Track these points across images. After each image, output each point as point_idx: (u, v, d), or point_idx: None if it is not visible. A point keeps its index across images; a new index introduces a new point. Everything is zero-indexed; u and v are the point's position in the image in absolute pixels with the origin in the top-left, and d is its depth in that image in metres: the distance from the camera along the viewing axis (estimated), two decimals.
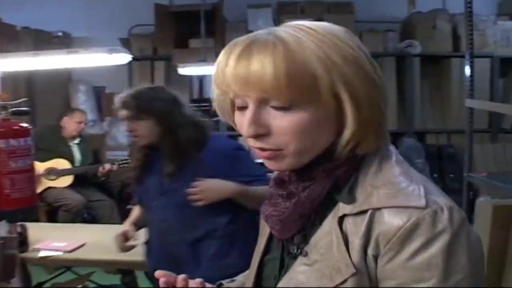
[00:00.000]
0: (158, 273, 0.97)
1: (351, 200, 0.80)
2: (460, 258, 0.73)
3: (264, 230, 0.98)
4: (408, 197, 0.76)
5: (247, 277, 1.02)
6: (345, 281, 0.77)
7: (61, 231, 3.18)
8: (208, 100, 5.32)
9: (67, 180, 4.25)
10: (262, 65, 0.74)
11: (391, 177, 0.80)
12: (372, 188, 0.79)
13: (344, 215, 0.80)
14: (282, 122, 0.78)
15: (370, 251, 0.77)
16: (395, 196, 0.77)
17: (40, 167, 4.04)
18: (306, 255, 0.84)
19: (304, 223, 0.85)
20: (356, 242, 0.78)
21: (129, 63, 5.35)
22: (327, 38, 0.77)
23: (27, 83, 5.00)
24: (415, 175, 0.82)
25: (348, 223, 0.80)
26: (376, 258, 0.77)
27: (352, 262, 0.77)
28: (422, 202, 0.75)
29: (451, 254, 0.73)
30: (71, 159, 4.43)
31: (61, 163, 4.28)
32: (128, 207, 4.95)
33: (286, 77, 0.74)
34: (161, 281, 0.96)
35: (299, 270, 0.84)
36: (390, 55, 5.27)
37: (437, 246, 0.72)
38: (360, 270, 0.77)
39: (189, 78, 5.42)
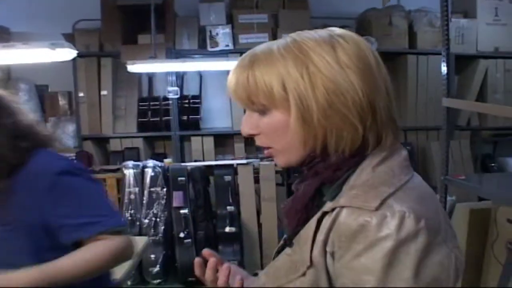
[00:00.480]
0: (206, 252, 1.03)
1: (333, 199, 0.85)
2: (403, 271, 0.72)
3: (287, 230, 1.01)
4: (367, 199, 0.78)
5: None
6: (303, 274, 0.83)
7: None
8: (157, 99, 5.09)
9: None
10: (232, 76, 0.89)
11: (369, 178, 0.83)
12: (349, 188, 0.83)
13: (324, 213, 0.84)
14: (262, 124, 0.89)
15: (328, 248, 0.81)
16: (358, 197, 0.80)
17: None
18: (291, 246, 0.91)
19: (299, 218, 0.90)
20: (319, 239, 0.82)
21: (74, 60, 5.05)
22: (303, 52, 0.84)
23: None
24: (404, 178, 0.83)
25: (325, 220, 0.83)
26: (332, 255, 0.80)
27: (311, 257, 0.82)
28: (373, 205, 0.76)
29: (392, 264, 0.72)
30: None
31: None
32: None
33: (247, 86, 0.87)
34: (211, 260, 1.00)
35: (280, 259, 0.93)
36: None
37: (379, 252, 0.73)
38: (316, 265, 0.82)
39: (139, 75, 5.17)
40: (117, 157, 5.12)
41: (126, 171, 4.04)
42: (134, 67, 4.27)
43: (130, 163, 4.06)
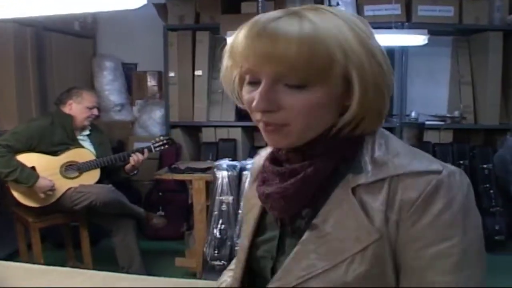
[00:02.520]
0: None
1: (361, 172, 0.84)
2: (473, 217, 0.81)
3: (252, 213, 0.99)
4: (423, 163, 0.82)
5: (236, 263, 1.02)
6: (364, 248, 0.79)
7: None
8: None
9: (93, 176, 3.11)
10: (287, 43, 0.77)
11: (399, 149, 0.86)
12: (384, 159, 0.84)
13: (357, 186, 0.83)
14: (294, 100, 0.81)
15: (393, 216, 0.79)
16: (411, 164, 0.82)
17: (55, 162, 3.01)
18: (315, 228, 0.85)
19: (309, 199, 0.87)
20: (377, 209, 0.80)
21: (165, 33, 4.35)
22: (347, 24, 0.81)
23: (37, 57, 3.99)
24: (412, 147, 0.89)
25: (362, 193, 0.82)
26: (398, 222, 0.79)
27: (374, 228, 0.80)
28: (438, 167, 0.81)
29: (467, 213, 0.79)
30: None
31: (83, 155, 3.12)
32: (158, 214, 3.95)
33: (307, 57, 0.77)
34: None
35: (308, 244, 0.85)
36: (496, 29, 4.20)
37: (456, 206, 0.78)
38: (382, 235, 0.79)
39: None
40: (210, 149, 4.35)
41: (218, 174, 3.16)
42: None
43: (225, 162, 3.16)
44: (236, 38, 0.82)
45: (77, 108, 3.12)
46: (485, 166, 4.07)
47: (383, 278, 0.80)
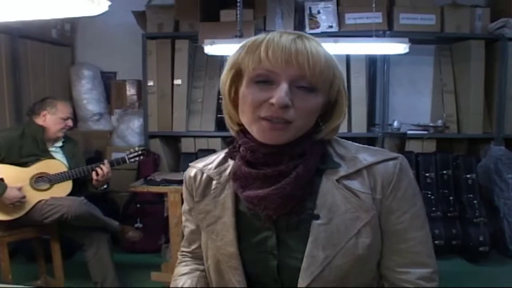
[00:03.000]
0: None
1: (337, 166, 1.03)
2: (418, 188, 1.07)
3: (222, 223, 1.06)
4: (382, 154, 1.05)
5: (231, 272, 1.05)
6: (365, 224, 0.98)
7: None
8: None
9: (65, 188, 2.96)
10: (316, 50, 0.96)
11: (354, 146, 1.08)
12: (350, 155, 1.04)
13: (340, 178, 1.02)
14: (303, 101, 0.96)
15: (378, 196, 1.01)
16: (375, 155, 1.04)
17: (24, 174, 2.88)
18: (319, 217, 0.99)
19: (301, 195, 1.00)
20: (364, 193, 1.01)
21: (144, 42, 4.27)
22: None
23: (12, 65, 3.88)
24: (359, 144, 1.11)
25: (347, 182, 1.01)
26: (381, 200, 1.01)
27: (369, 207, 1.00)
28: (394, 154, 1.05)
29: (417, 186, 1.06)
30: None
31: (54, 166, 2.97)
32: (136, 226, 3.85)
33: (322, 68, 0.96)
34: None
35: (318, 231, 0.98)
36: (478, 38, 4.18)
37: (413, 181, 1.04)
38: (375, 211, 1.00)
39: (220, 62, 4.24)
40: (189, 159, 4.16)
41: None
42: (213, 48, 3.36)
43: None
44: (261, 42, 0.96)
45: (51, 119, 3.00)
46: (468, 176, 4.02)
47: (378, 245, 1.02)
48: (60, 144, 3.11)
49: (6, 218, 2.77)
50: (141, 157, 3.17)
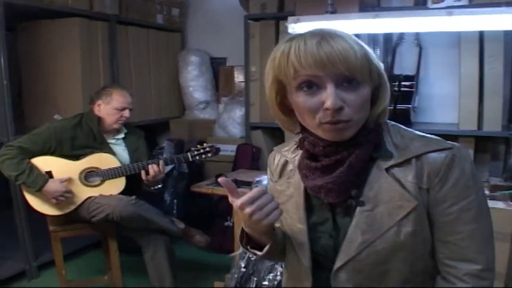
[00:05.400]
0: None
1: (388, 155, 1.05)
2: (479, 180, 1.06)
3: (293, 202, 1.15)
4: (436, 143, 1.05)
5: (297, 247, 1.14)
6: (408, 213, 1.01)
7: None
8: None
9: (117, 185, 2.73)
10: (342, 47, 0.96)
11: (411, 135, 1.09)
12: (403, 144, 1.06)
13: (389, 167, 1.04)
14: (353, 97, 0.99)
15: (424, 186, 1.02)
16: (427, 145, 1.05)
17: (74, 168, 2.72)
18: (363, 204, 1.04)
19: (354, 182, 1.05)
20: (410, 182, 1.02)
21: (247, 25, 3.91)
22: (355, 37, 1.03)
23: (110, 51, 3.82)
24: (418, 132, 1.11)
25: (395, 171, 1.04)
26: (428, 190, 1.02)
27: (412, 197, 1.02)
28: (448, 144, 1.04)
29: (475, 178, 1.03)
30: None
31: (105, 160, 2.76)
32: (226, 224, 3.53)
33: (360, 61, 0.98)
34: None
35: (361, 217, 1.04)
36: None
37: (467, 173, 1.02)
38: (419, 202, 1.02)
39: None
40: None
41: None
42: (299, 27, 2.89)
43: (267, 178, 2.63)
44: (288, 53, 0.99)
45: (106, 109, 2.79)
46: None
47: (424, 233, 1.04)
48: (122, 135, 2.90)
49: (54, 212, 2.63)
50: (209, 155, 2.81)
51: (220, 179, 1.06)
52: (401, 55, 3.73)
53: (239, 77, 4.42)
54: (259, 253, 1.15)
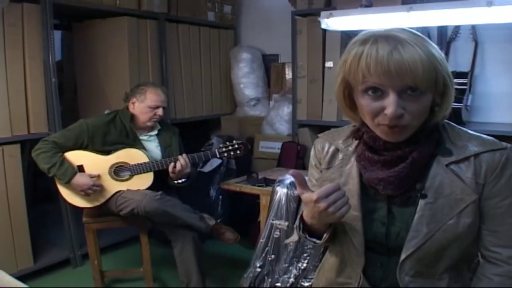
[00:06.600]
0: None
1: (448, 153, 1.15)
2: None
3: (352, 191, 1.21)
4: (492, 144, 1.15)
5: (350, 221, 1.21)
6: (467, 206, 1.12)
7: None
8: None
9: (146, 180, 2.80)
10: (413, 58, 1.02)
11: (467, 134, 1.18)
12: (461, 143, 1.15)
13: (449, 163, 1.14)
14: (415, 105, 1.06)
15: (480, 181, 1.13)
16: (484, 144, 1.14)
17: (104, 162, 2.81)
18: (426, 197, 1.13)
19: (416, 176, 1.14)
20: (469, 178, 1.12)
21: (294, 20, 3.85)
22: (428, 43, 1.07)
23: (158, 49, 3.91)
24: (472, 131, 1.20)
25: (454, 167, 1.13)
26: (483, 185, 1.13)
27: (472, 191, 1.12)
28: (503, 145, 1.14)
29: None
30: None
31: (134, 156, 2.81)
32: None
33: (428, 70, 1.04)
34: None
35: (425, 209, 1.13)
36: None
37: None
38: (477, 195, 1.12)
39: None
40: None
41: (278, 191, 2.53)
42: (332, 22, 2.82)
43: (289, 178, 2.56)
44: (359, 59, 1.05)
45: (139, 107, 2.86)
46: None
47: (477, 225, 1.16)
48: (155, 132, 2.96)
49: (85, 205, 2.76)
50: (238, 152, 2.80)
51: (290, 171, 1.13)
52: (456, 50, 3.51)
53: (289, 73, 4.36)
54: (318, 241, 1.21)
